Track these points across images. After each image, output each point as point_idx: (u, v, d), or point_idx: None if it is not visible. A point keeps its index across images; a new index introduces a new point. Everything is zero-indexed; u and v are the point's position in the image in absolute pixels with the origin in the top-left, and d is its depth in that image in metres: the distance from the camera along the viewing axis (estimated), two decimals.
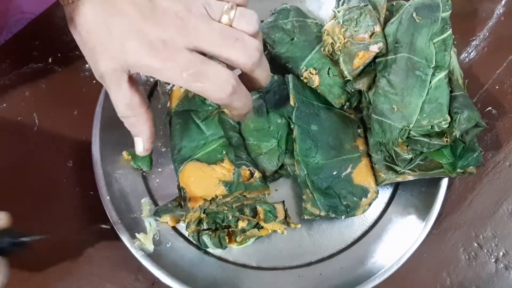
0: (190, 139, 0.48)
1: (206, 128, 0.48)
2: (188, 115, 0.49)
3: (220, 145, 0.48)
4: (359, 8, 0.48)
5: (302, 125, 0.48)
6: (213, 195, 0.45)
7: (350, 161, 0.48)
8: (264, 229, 0.46)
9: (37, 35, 0.58)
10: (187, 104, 0.49)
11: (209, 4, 0.37)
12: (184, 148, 0.48)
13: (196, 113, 0.49)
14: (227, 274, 0.46)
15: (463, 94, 0.45)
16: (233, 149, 0.48)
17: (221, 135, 0.48)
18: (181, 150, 0.48)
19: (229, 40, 0.36)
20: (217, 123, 0.49)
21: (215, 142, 0.48)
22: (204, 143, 0.48)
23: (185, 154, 0.48)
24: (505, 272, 0.49)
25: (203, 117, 0.49)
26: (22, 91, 0.54)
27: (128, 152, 0.49)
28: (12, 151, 0.52)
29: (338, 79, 0.50)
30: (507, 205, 0.51)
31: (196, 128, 0.49)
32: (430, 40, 0.44)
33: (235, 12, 0.37)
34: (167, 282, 0.43)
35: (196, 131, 0.49)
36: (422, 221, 0.47)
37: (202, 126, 0.49)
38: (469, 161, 0.45)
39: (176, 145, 0.48)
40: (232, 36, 0.36)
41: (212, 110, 0.49)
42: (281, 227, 0.46)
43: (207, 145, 0.48)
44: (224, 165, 0.47)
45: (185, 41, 0.36)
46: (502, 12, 0.61)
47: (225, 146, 0.48)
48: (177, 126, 0.49)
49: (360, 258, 0.47)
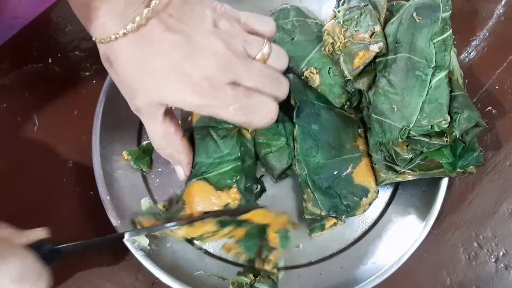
0: (207, 155, 0.46)
1: (224, 146, 0.47)
2: (207, 131, 0.47)
3: (233, 169, 0.46)
4: (359, 8, 0.48)
5: (303, 125, 0.48)
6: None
7: (350, 161, 0.48)
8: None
9: (37, 35, 0.58)
10: (207, 120, 0.48)
11: (246, 41, 0.38)
12: (199, 164, 0.46)
13: (215, 130, 0.47)
14: (228, 274, 0.46)
15: (463, 94, 0.45)
16: (244, 177, 0.46)
17: (237, 156, 0.47)
18: (196, 165, 0.46)
19: (266, 80, 0.38)
20: (235, 142, 0.47)
21: (230, 164, 0.46)
22: (219, 162, 0.46)
23: (198, 170, 0.46)
24: (505, 272, 0.49)
25: (222, 135, 0.47)
26: (22, 91, 0.54)
27: (128, 152, 0.49)
28: (12, 151, 0.52)
29: (339, 78, 0.50)
30: (507, 205, 0.51)
31: (214, 144, 0.47)
32: (430, 40, 0.45)
33: (270, 50, 0.39)
34: (167, 282, 0.43)
35: (214, 148, 0.47)
36: (422, 221, 0.47)
37: (220, 143, 0.47)
38: (469, 161, 0.45)
39: (194, 160, 0.47)
40: (269, 77, 0.39)
41: (232, 128, 0.48)
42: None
43: (222, 164, 0.46)
44: (231, 193, 0.45)
45: (226, 78, 0.36)
46: (502, 12, 0.61)
47: (239, 172, 0.46)
48: (196, 142, 0.47)
49: (360, 258, 0.47)
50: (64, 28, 0.58)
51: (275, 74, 0.40)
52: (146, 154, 0.50)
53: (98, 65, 0.56)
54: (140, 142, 0.52)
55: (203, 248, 0.48)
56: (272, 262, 0.45)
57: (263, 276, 0.45)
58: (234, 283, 0.44)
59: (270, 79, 0.39)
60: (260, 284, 0.44)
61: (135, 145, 0.51)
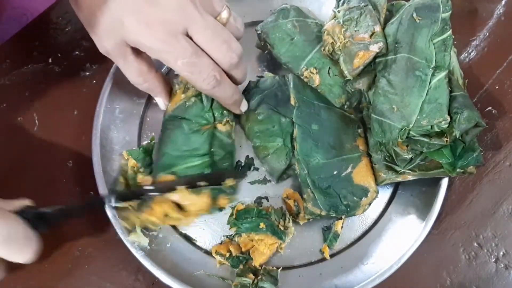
0: (174, 146, 0.46)
1: (194, 140, 0.46)
2: (180, 123, 0.47)
3: (201, 164, 0.45)
4: (359, 8, 0.48)
5: (303, 125, 0.48)
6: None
7: (350, 161, 0.48)
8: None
9: (37, 35, 0.58)
10: (182, 112, 0.47)
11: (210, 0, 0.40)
12: (166, 155, 0.46)
13: (188, 123, 0.47)
14: (228, 274, 0.46)
15: (463, 94, 0.45)
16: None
17: (205, 152, 0.46)
18: (163, 156, 0.46)
19: (218, 38, 0.40)
20: (205, 139, 0.46)
21: (198, 159, 0.45)
22: (188, 155, 0.45)
23: (165, 161, 0.45)
24: (505, 272, 0.49)
25: (194, 129, 0.46)
26: (22, 91, 0.54)
27: (127, 152, 0.49)
28: (12, 151, 0.52)
29: (339, 78, 0.50)
30: (507, 205, 0.51)
31: (184, 137, 0.46)
32: (430, 41, 0.45)
33: (229, 15, 0.42)
34: (167, 282, 0.43)
35: (183, 140, 0.46)
36: (422, 221, 0.47)
37: (190, 137, 0.46)
38: (469, 161, 0.45)
39: (160, 149, 0.47)
40: (221, 36, 0.40)
41: (205, 124, 0.47)
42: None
43: (190, 158, 0.45)
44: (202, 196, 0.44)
45: (181, 25, 0.39)
46: (502, 12, 0.61)
47: (206, 167, 0.45)
48: (166, 131, 0.47)
49: (360, 258, 0.47)
50: (64, 28, 0.58)
51: (228, 37, 0.41)
52: (146, 154, 0.50)
53: (98, 65, 0.56)
54: (140, 142, 0.52)
55: (203, 248, 0.48)
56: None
57: (263, 274, 0.45)
58: (237, 285, 0.44)
59: (221, 39, 0.40)
60: (263, 283, 0.44)
61: (136, 145, 0.51)
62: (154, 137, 0.52)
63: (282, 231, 0.46)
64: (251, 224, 0.45)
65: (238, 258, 0.46)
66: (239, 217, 0.46)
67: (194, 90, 0.47)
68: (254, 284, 0.44)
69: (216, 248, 0.46)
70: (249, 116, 0.51)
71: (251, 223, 0.45)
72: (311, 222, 0.49)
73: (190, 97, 0.47)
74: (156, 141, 0.51)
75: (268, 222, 0.45)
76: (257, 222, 0.45)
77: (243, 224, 0.45)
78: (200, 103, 0.47)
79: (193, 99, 0.47)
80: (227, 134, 0.48)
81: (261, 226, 0.45)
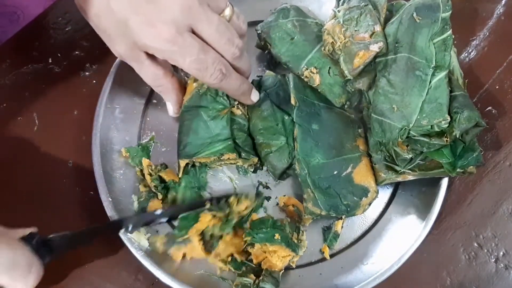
0: (197, 136, 0.48)
1: (214, 126, 0.48)
2: (198, 112, 0.48)
3: (224, 148, 0.47)
4: (359, 8, 0.48)
5: (303, 124, 0.48)
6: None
7: (350, 161, 0.48)
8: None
9: (37, 35, 0.58)
10: (198, 101, 0.49)
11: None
12: (189, 145, 0.47)
13: (205, 111, 0.48)
14: (228, 274, 0.46)
15: (463, 94, 0.45)
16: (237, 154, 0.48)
17: (227, 136, 0.48)
18: (186, 146, 0.47)
19: (222, 37, 0.41)
20: (225, 123, 0.48)
21: (221, 144, 0.47)
22: (210, 142, 0.47)
23: (190, 151, 0.47)
24: (505, 272, 0.49)
25: (212, 116, 0.48)
26: (22, 91, 0.54)
27: (126, 149, 0.49)
28: (12, 151, 0.52)
29: (339, 78, 0.50)
30: (507, 205, 0.51)
31: (204, 125, 0.48)
32: (430, 40, 0.45)
33: (232, 13, 0.42)
34: (167, 282, 0.43)
35: (204, 128, 0.48)
36: (422, 221, 0.47)
37: (210, 124, 0.48)
38: (469, 161, 0.45)
39: (182, 141, 0.48)
40: (225, 34, 0.41)
41: (222, 109, 0.49)
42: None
43: (212, 144, 0.47)
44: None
45: (186, 23, 0.39)
46: (502, 12, 0.61)
47: (231, 150, 0.47)
48: (185, 122, 0.48)
49: (360, 258, 0.47)
50: (64, 28, 0.58)
51: (231, 33, 0.42)
52: (144, 152, 0.50)
53: (98, 65, 0.56)
54: (140, 142, 0.52)
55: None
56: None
57: (265, 275, 0.44)
58: (238, 285, 0.44)
59: (225, 35, 0.41)
60: (265, 283, 0.44)
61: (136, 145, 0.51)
62: (154, 137, 0.52)
63: (296, 244, 0.46)
64: (266, 235, 0.45)
65: (242, 263, 0.46)
66: (254, 227, 0.46)
67: None
68: (255, 285, 0.44)
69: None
70: (253, 111, 0.51)
71: (266, 233, 0.45)
72: (311, 222, 0.49)
73: (201, 84, 0.48)
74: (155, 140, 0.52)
75: (282, 234, 0.45)
76: (272, 233, 0.45)
77: (258, 234, 0.45)
78: (213, 88, 0.48)
79: (206, 86, 0.48)
80: (242, 117, 0.50)
81: (276, 237, 0.45)
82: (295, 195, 0.50)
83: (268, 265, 0.45)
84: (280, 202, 0.49)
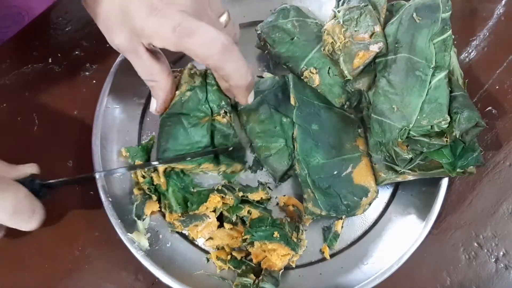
0: (176, 142, 0.47)
1: (194, 134, 0.47)
2: (178, 118, 0.47)
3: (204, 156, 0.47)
4: (359, 8, 0.48)
5: (303, 125, 0.48)
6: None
7: (350, 161, 0.48)
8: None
9: (37, 35, 0.58)
10: (180, 108, 0.47)
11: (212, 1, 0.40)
12: (168, 150, 0.46)
13: (187, 118, 0.47)
14: (228, 274, 0.46)
15: (463, 94, 0.45)
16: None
17: (207, 145, 0.47)
18: (165, 151, 0.47)
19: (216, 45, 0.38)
20: (205, 131, 0.47)
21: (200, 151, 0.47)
22: (190, 149, 0.47)
23: (168, 157, 0.46)
24: (505, 272, 0.49)
25: (193, 123, 0.47)
26: (22, 91, 0.54)
27: (126, 149, 0.49)
28: (12, 151, 0.52)
29: (338, 78, 0.50)
30: (507, 205, 0.51)
31: (184, 132, 0.47)
32: (430, 41, 0.45)
33: (228, 19, 0.42)
34: (167, 282, 0.43)
35: (184, 135, 0.47)
36: (422, 221, 0.47)
37: (191, 131, 0.47)
38: (469, 161, 0.45)
39: (162, 146, 0.47)
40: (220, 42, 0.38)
41: (203, 116, 0.48)
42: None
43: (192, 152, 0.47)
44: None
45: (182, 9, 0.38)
46: (502, 12, 0.61)
47: (209, 159, 0.47)
48: (165, 128, 0.47)
49: (360, 258, 0.47)
50: (64, 28, 0.58)
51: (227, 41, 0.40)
52: (144, 152, 0.50)
53: (98, 65, 0.56)
54: (140, 142, 0.52)
55: (203, 248, 0.48)
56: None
57: (265, 275, 0.45)
58: (238, 285, 0.44)
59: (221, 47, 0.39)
60: (264, 283, 0.44)
61: (136, 145, 0.51)
62: (154, 137, 0.52)
63: (295, 243, 0.46)
64: (265, 233, 0.45)
65: (241, 261, 0.46)
66: (253, 225, 0.46)
67: (187, 85, 0.47)
68: (255, 284, 0.44)
69: (217, 254, 0.46)
70: (250, 116, 0.51)
71: (265, 231, 0.45)
72: (311, 222, 0.49)
73: (184, 92, 0.47)
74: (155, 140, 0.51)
75: (282, 232, 0.45)
76: (271, 231, 0.45)
77: (257, 232, 0.45)
78: (196, 96, 0.48)
79: (188, 94, 0.47)
80: (227, 125, 0.49)
81: (275, 235, 0.45)
82: (295, 195, 0.50)
83: (268, 265, 0.45)
84: (280, 202, 0.49)
